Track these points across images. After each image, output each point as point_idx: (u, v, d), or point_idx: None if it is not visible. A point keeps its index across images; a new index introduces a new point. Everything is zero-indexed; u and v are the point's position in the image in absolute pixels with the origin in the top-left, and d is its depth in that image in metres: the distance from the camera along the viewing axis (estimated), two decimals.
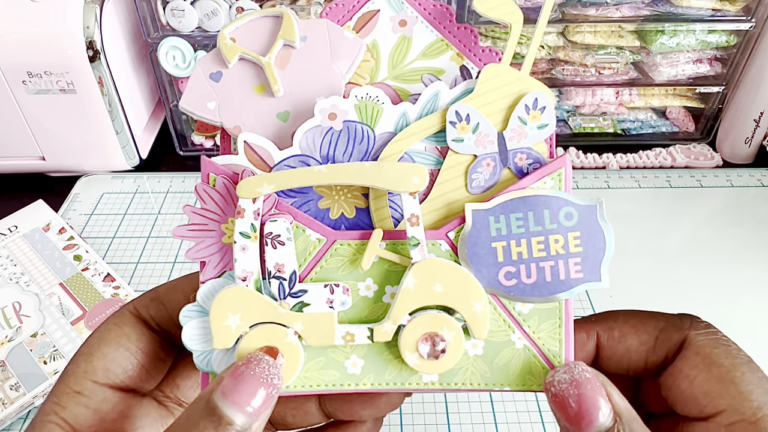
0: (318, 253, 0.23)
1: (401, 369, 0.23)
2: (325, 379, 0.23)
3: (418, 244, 0.22)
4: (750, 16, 0.63)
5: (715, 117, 0.72)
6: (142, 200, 0.65)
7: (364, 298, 0.23)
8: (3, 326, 0.49)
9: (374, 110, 0.23)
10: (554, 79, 0.69)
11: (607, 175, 0.68)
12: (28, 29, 0.56)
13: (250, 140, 0.23)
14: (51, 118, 0.61)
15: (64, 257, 0.55)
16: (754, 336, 0.50)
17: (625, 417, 0.20)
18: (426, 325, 0.22)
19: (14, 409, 0.43)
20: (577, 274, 0.22)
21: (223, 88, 0.24)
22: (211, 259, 0.22)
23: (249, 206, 0.22)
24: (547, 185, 0.23)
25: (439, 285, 0.22)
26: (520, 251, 0.22)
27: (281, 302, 0.22)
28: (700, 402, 0.21)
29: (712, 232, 0.60)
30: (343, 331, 0.22)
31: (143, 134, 0.70)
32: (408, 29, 0.24)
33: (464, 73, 0.24)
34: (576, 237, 0.23)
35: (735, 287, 0.55)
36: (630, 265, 0.56)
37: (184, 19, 0.60)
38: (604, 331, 0.24)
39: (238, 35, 0.23)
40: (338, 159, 0.23)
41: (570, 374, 0.21)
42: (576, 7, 0.63)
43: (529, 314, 0.23)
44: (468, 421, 0.44)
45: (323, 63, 0.23)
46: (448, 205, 0.23)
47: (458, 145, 0.23)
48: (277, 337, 0.22)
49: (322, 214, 0.23)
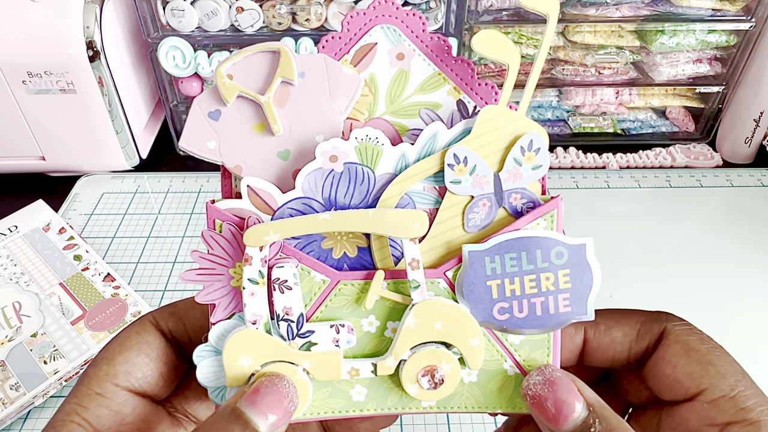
0: (323, 294, 0.24)
1: (401, 396, 0.25)
2: (332, 407, 0.25)
3: (418, 286, 0.23)
4: (750, 16, 0.63)
5: (715, 117, 0.72)
6: (142, 200, 0.65)
7: (367, 333, 0.24)
8: (3, 326, 0.49)
9: (374, 152, 0.23)
10: (554, 79, 0.69)
11: (607, 175, 0.68)
12: (28, 29, 0.56)
13: (253, 185, 0.23)
14: (51, 118, 0.61)
15: (64, 257, 0.55)
16: (755, 335, 0.50)
17: (596, 407, 0.22)
18: (426, 359, 0.24)
19: (14, 408, 0.43)
20: (565, 309, 0.24)
21: (222, 127, 0.23)
22: (221, 302, 0.23)
23: (256, 254, 0.22)
24: (540, 226, 0.24)
25: (438, 323, 0.24)
26: (513, 288, 0.24)
27: (290, 342, 0.23)
28: (684, 383, 0.23)
29: (712, 232, 0.60)
30: (349, 367, 0.24)
31: (143, 134, 0.70)
32: (405, 63, 0.24)
33: (461, 108, 0.25)
34: (566, 274, 0.24)
35: (735, 287, 0.55)
36: (630, 265, 0.56)
37: (184, 19, 0.60)
38: (591, 326, 0.26)
39: (235, 72, 0.23)
40: (340, 201, 0.24)
41: (543, 376, 0.23)
42: (576, 7, 0.63)
43: (521, 344, 0.25)
44: (468, 420, 0.44)
45: (322, 100, 0.23)
46: (446, 244, 0.24)
47: (456, 187, 0.24)
48: (287, 374, 0.23)
49: (325, 254, 0.24)
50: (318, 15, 0.61)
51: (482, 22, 0.63)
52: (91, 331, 0.48)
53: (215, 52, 0.62)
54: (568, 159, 0.70)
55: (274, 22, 0.61)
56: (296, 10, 0.61)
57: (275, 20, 0.61)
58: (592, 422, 0.22)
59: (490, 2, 0.62)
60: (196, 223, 0.62)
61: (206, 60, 0.62)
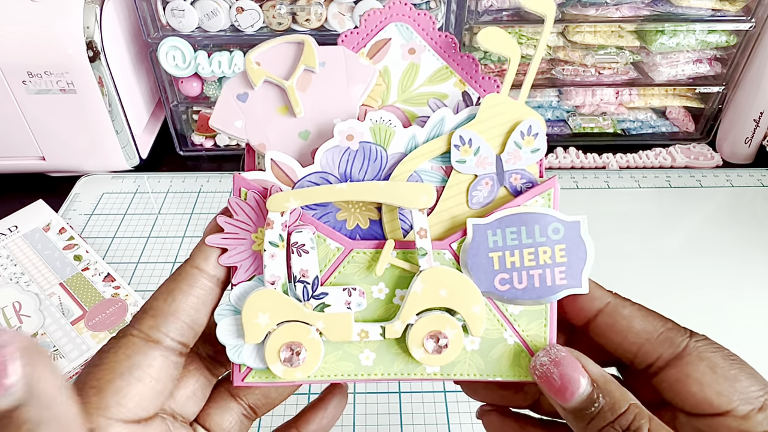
0: (337, 260, 0.26)
1: (408, 361, 0.26)
2: (342, 370, 0.26)
3: (426, 254, 0.25)
4: (750, 16, 0.63)
5: (715, 117, 0.72)
6: (142, 200, 0.65)
7: (376, 299, 0.26)
8: (3, 326, 0.49)
9: (387, 132, 0.26)
10: (554, 79, 0.69)
11: (607, 175, 0.68)
12: (28, 29, 0.56)
13: (276, 158, 0.25)
14: (51, 118, 0.61)
15: (64, 257, 0.55)
16: (755, 335, 0.50)
17: (600, 382, 0.23)
18: (431, 324, 0.25)
19: None
20: (561, 281, 0.26)
21: (249, 108, 0.26)
22: (242, 264, 0.25)
23: (278, 219, 0.24)
24: (539, 203, 0.26)
25: (443, 290, 0.25)
26: (513, 260, 0.26)
27: (305, 303, 0.25)
28: (714, 402, 0.23)
29: (712, 232, 0.60)
30: (359, 329, 0.25)
31: (143, 134, 0.70)
32: (416, 57, 0.27)
33: (466, 99, 0.27)
34: (562, 249, 0.26)
35: (735, 287, 0.55)
36: (630, 265, 0.56)
37: (184, 19, 0.60)
38: (617, 301, 0.26)
39: (262, 59, 0.25)
40: (354, 176, 0.26)
41: (548, 356, 0.25)
42: (576, 7, 0.63)
43: (520, 315, 0.26)
44: (468, 420, 0.44)
45: (340, 87, 0.26)
46: (451, 219, 0.26)
47: (461, 166, 0.26)
48: (301, 333, 0.25)
49: (339, 224, 0.26)
50: (318, 15, 0.61)
51: (482, 22, 0.63)
52: (91, 331, 0.48)
53: (215, 52, 0.62)
54: (568, 159, 0.70)
55: (274, 22, 0.61)
56: (296, 10, 0.61)
57: (275, 20, 0.61)
58: (597, 397, 0.23)
59: (490, 2, 0.62)
60: (196, 223, 0.62)
61: (206, 60, 0.62)
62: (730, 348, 0.25)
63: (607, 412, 0.23)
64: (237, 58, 0.62)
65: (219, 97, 0.26)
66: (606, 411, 0.23)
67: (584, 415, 0.23)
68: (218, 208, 0.64)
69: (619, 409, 0.23)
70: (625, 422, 0.22)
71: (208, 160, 0.73)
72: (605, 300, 0.26)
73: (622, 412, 0.23)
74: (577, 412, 0.23)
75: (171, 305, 0.24)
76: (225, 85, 0.26)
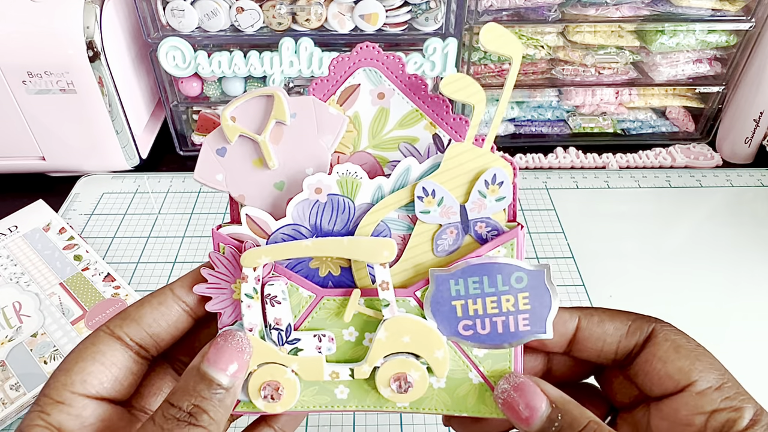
0: (309, 307, 0.27)
1: (379, 397, 0.28)
2: (319, 402, 0.28)
3: (388, 304, 0.27)
4: (750, 16, 0.63)
5: (715, 117, 0.72)
6: (142, 200, 0.65)
7: (347, 341, 0.28)
8: (3, 326, 0.49)
9: (354, 184, 0.26)
10: (554, 79, 0.69)
11: (607, 175, 0.68)
12: (28, 29, 0.56)
13: (251, 213, 0.27)
14: (51, 118, 0.61)
15: (64, 257, 0.55)
16: (755, 335, 0.50)
17: (559, 403, 0.25)
18: (396, 366, 0.27)
19: (14, 408, 0.43)
20: (525, 327, 0.27)
21: (228, 162, 0.27)
22: (225, 311, 0.27)
23: (251, 273, 0.26)
24: (501, 253, 0.27)
25: (407, 336, 0.27)
26: (476, 308, 0.26)
27: (280, 348, 0.27)
28: (674, 377, 0.26)
29: (712, 232, 0.60)
30: (330, 370, 0.27)
31: (143, 134, 0.70)
32: (386, 101, 0.27)
33: (437, 141, 0.27)
34: (525, 297, 0.26)
35: (735, 287, 0.55)
36: (630, 265, 0.56)
37: (184, 19, 0.60)
38: (585, 315, 0.28)
39: (237, 114, 0.27)
40: (324, 227, 0.27)
41: (509, 383, 0.26)
42: (576, 7, 0.63)
43: (484, 357, 0.28)
44: None
45: (311, 137, 0.27)
46: (416, 266, 0.27)
47: (425, 216, 0.27)
48: (278, 373, 0.27)
49: (312, 272, 0.28)
50: (318, 15, 0.61)
51: (482, 22, 0.63)
52: (91, 331, 0.48)
53: (215, 52, 0.62)
54: (568, 159, 0.70)
55: (274, 22, 0.61)
56: (296, 10, 0.61)
57: (275, 20, 0.61)
58: (556, 416, 0.25)
59: (490, 2, 0.62)
60: (196, 223, 0.62)
61: (206, 60, 0.62)
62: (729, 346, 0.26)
63: (566, 429, 0.24)
64: (237, 58, 0.62)
65: (200, 152, 0.27)
66: (566, 428, 0.24)
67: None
68: (218, 208, 0.64)
69: (578, 426, 0.24)
70: None
71: None
72: (575, 319, 0.28)
73: (582, 429, 0.24)
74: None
75: (137, 312, 0.27)
76: (205, 141, 0.27)
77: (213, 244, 0.27)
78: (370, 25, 0.61)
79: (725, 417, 0.24)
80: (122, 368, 0.27)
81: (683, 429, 0.25)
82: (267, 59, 0.62)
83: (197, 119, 0.71)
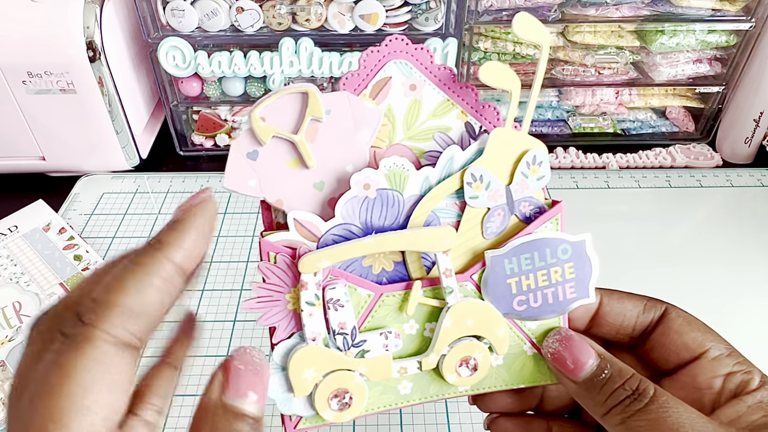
0: (369, 306, 0.27)
1: (441, 384, 0.29)
2: (384, 402, 0.28)
3: (452, 291, 0.27)
4: (750, 16, 0.63)
5: (715, 117, 0.72)
6: (142, 200, 0.65)
7: (409, 335, 0.28)
8: (3, 326, 0.49)
9: (401, 177, 0.26)
10: (554, 79, 0.69)
11: (607, 175, 0.68)
12: (28, 29, 0.56)
13: (298, 217, 0.26)
14: (51, 118, 0.61)
15: (65, 257, 0.55)
16: (755, 335, 0.50)
17: (606, 356, 0.27)
18: (462, 352, 0.28)
19: None
20: (571, 295, 0.28)
21: (260, 166, 0.26)
22: (280, 324, 0.26)
23: (311, 279, 0.25)
24: (548, 228, 0.28)
25: (470, 320, 0.27)
26: (528, 283, 0.28)
27: (346, 352, 0.27)
28: (691, 346, 0.28)
29: (712, 232, 0.60)
30: (398, 366, 0.27)
31: (143, 134, 0.70)
32: (418, 92, 0.27)
33: (469, 129, 0.28)
34: (570, 266, 0.28)
35: (735, 287, 0.55)
36: (630, 265, 0.56)
37: (184, 19, 0.60)
38: (606, 294, 0.30)
39: (267, 114, 0.25)
40: (375, 223, 0.27)
41: (559, 335, 0.28)
42: (576, 7, 0.63)
43: (537, 329, 0.29)
44: (468, 420, 0.44)
45: (348, 133, 0.26)
46: (469, 251, 0.28)
47: (474, 201, 0.27)
48: (346, 380, 0.27)
49: (366, 271, 0.27)
50: (318, 15, 0.61)
51: (482, 22, 0.63)
52: None
53: (215, 52, 0.62)
54: (568, 159, 0.70)
55: (274, 22, 0.61)
56: (296, 10, 0.61)
57: (275, 20, 0.61)
58: (605, 366, 0.26)
59: (490, 2, 0.62)
60: None
61: (206, 60, 0.62)
62: None
63: (616, 377, 0.26)
64: (237, 58, 0.62)
65: (229, 158, 0.25)
66: (615, 376, 0.26)
67: (596, 382, 0.26)
68: (218, 208, 0.63)
69: (626, 374, 0.26)
70: (633, 384, 0.25)
71: (208, 160, 0.73)
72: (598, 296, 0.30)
73: (629, 377, 0.26)
74: (589, 381, 0.26)
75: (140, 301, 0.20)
76: (233, 145, 0.25)
77: (261, 255, 0.25)
78: (370, 25, 0.61)
79: (739, 379, 0.26)
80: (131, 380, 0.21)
81: (702, 393, 0.27)
82: (267, 59, 0.62)
83: (197, 119, 0.71)
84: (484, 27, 0.65)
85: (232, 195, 0.65)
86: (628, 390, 0.25)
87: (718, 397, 0.27)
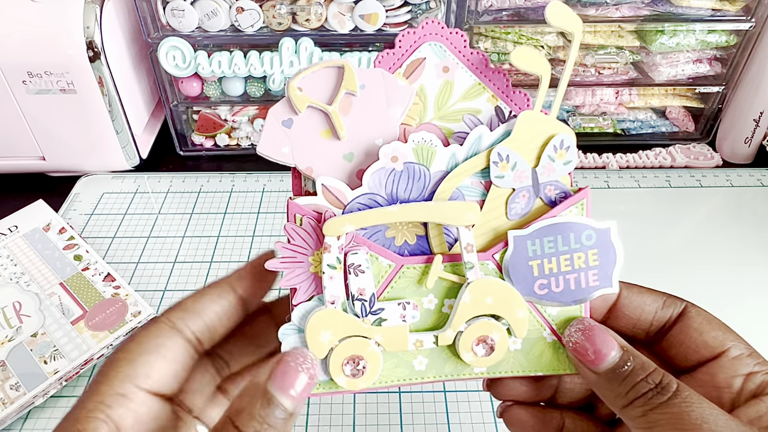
0: (389, 276, 0.27)
1: (457, 363, 0.28)
2: (398, 376, 0.28)
3: (473, 267, 0.27)
4: (750, 16, 0.63)
5: (715, 117, 0.72)
6: (142, 200, 0.65)
7: (427, 309, 0.28)
8: (3, 326, 0.49)
9: (429, 152, 0.27)
10: (554, 79, 0.69)
11: (607, 175, 0.68)
12: (28, 29, 0.56)
13: (327, 183, 0.26)
14: (51, 118, 0.61)
15: (65, 257, 0.55)
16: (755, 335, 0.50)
17: (628, 348, 0.26)
18: (479, 330, 0.27)
19: (14, 408, 0.43)
20: (594, 283, 0.28)
21: (294, 134, 0.27)
22: (301, 286, 0.27)
23: (334, 242, 0.26)
24: (573, 213, 0.28)
25: (489, 298, 0.27)
26: (551, 267, 0.28)
27: (364, 319, 0.27)
28: (711, 344, 0.28)
29: (712, 232, 0.60)
30: (414, 339, 0.27)
31: (143, 134, 0.70)
32: (450, 75, 0.28)
33: (498, 113, 0.28)
34: (594, 253, 0.28)
35: (735, 287, 0.55)
36: (629, 265, 0.56)
37: (184, 19, 0.60)
38: (626, 286, 0.29)
39: (304, 85, 0.26)
40: (400, 195, 0.27)
41: (582, 325, 0.27)
42: (576, 7, 0.63)
43: (557, 315, 0.29)
44: (468, 420, 0.44)
45: (380, 108, 0.27)
46: (492, 230, 0.28)
47: (500, 181, 0.27)
48: (361, 347, 0.27)
49: (388, 242, 0.28)
50: (318, 15, 0.61)
51: (482, 22, 0.63)
52: (92, 331, 0.48)
53: (215, 52, 0.62)
54: None
55: (274, 22, 0.61)
56: (296, 10, 0.61)
57: (275, 20, 0.61)
58: (628, 358, 0.26)
59: (490, 2, 0.62)
60: (196, 223, 0.62)
61: (206, 60, 0.62)
62: None
63: (639, 370, 0.25)
64: (237, 58, 0.62)
65: (265, 125, 0.27)
66: (638, 369, 0.25)
67: (618, 373, 0.26)
68: (218, 208, 0.64)
69: (649, 367, 0.25)
70: (656, 378, 0.25)
71: (208, 160, 0.73)
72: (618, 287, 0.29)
73: (652, 371, 0.25)
74: (611, 372, 0.26)
75: (197, 305, 0.27)
76: (270, 112, 0.27)
77: (287, 216, 0.26)
78: (370, 25, 0.61)
79: (760, 379, 0.26)
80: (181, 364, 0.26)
81: (721, 392, 0.27)
82: (267, 59, 0.62)
83: (197, 119, 0.71)
84: (484, 27, 0.65)
85: (232, 195, 0.65)
86: (651, 383, 0.25)
87: (738, 396, 0.26)
